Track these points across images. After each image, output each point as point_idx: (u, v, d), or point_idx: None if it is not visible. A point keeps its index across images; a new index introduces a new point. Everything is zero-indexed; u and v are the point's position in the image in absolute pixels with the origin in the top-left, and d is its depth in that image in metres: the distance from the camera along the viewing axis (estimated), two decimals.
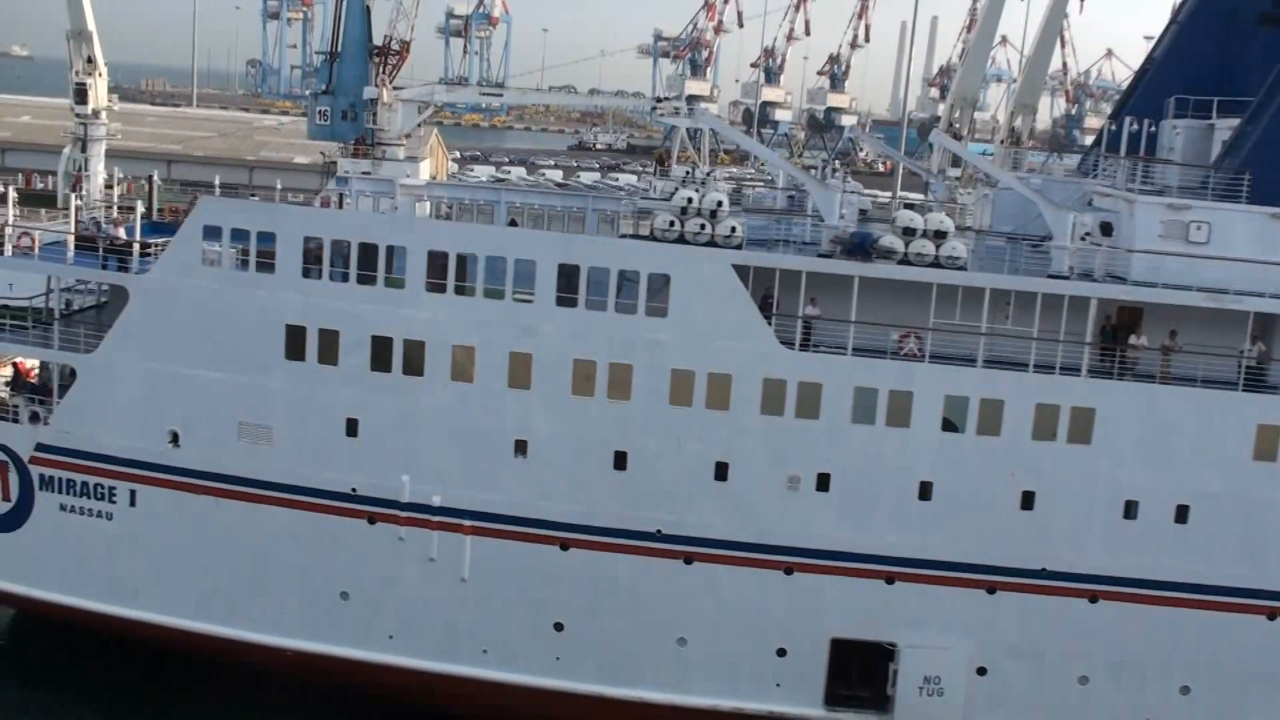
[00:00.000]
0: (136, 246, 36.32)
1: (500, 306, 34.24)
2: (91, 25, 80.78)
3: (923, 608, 34.19)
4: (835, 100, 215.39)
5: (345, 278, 34.72)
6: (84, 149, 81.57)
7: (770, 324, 33.69)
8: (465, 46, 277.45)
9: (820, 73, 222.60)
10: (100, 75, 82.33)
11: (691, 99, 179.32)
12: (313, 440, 35.55)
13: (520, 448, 34.58)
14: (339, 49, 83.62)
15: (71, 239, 36.80)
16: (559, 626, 35.31)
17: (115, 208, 41.48)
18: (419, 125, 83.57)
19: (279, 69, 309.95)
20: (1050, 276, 34.09)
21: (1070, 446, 33.33)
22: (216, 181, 41.34)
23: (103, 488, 37.24)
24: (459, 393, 34.62)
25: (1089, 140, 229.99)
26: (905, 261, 33.63)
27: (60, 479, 37.58)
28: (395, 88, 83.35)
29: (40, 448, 37.50)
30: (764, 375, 33.58)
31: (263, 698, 37.63)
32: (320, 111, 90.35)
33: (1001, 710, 34.58)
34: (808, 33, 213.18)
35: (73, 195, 38.53)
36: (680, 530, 34.38)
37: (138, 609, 37.38)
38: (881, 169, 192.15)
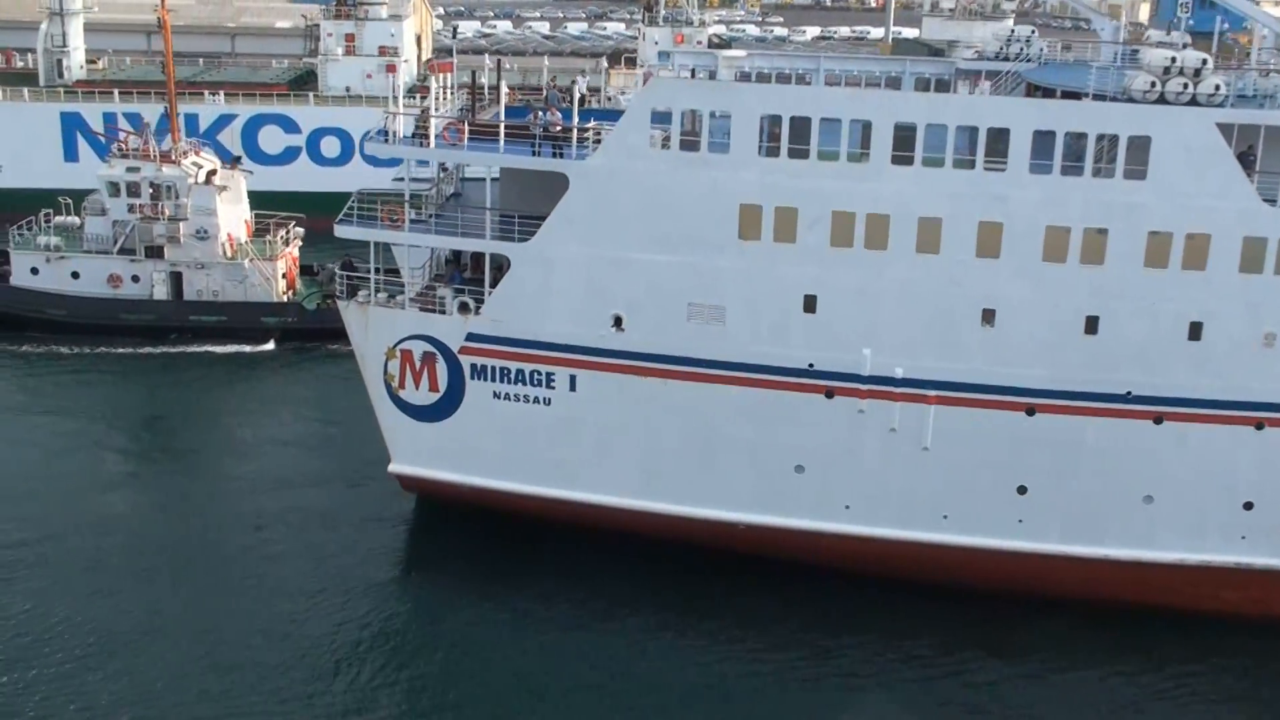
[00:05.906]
0: (575, 132, 35.87)
1: (970, 176, 33.98)
2: None
3: None
4: None
5: (805, 154, 34.43)
6: (61, 23, 78.55)
7: (1252, 182, 33.45)
8: None
9: None
10: None
11: None
12: (768, 318, 35.69)
13: (987, 317, 34.72)
14: None
15: (503, 126, 36.29)
16: (1022, 490, 35.95)
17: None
18: None
19: None
20: None
21: None
22: None
23: (540, 374, 37.57)
24: (924, 265, 34.59)
25: None
26: None
27: (493, 367, 37.90)
28: None
29: (471, 337, 37.76)
30: (1244, 234, 33.47)
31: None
32: None
33: None
34: None
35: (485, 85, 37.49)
36: (1151, 391, 34.73)
37: (581, 491, 38.15)
38: (874, 4, 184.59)
